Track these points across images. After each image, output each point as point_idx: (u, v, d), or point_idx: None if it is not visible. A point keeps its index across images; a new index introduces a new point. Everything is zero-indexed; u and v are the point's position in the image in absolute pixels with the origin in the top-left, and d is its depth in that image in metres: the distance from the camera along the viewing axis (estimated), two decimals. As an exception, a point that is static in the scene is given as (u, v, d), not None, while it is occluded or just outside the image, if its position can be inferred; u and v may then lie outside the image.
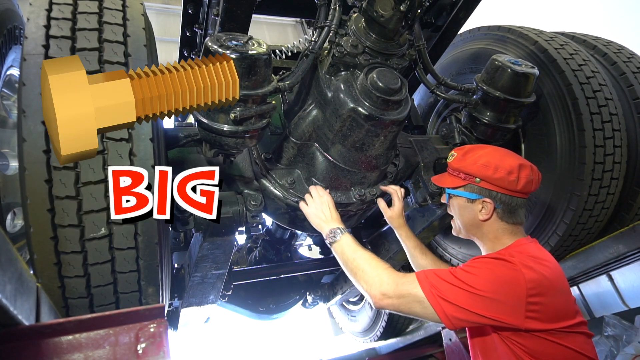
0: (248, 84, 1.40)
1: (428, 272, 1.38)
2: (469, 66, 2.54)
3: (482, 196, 1.51)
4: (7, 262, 0.76)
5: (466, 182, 1.54)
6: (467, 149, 1.59)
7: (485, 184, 1.49)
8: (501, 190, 1.48)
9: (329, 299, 3.32)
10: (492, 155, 1.51)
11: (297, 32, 8.49)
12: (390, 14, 1.61)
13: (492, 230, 1.52)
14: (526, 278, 1.28)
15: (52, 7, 1.31)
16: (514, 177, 1.46)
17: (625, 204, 2.35)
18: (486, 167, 1.48)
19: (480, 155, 1.53)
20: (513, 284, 1.28)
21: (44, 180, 1.17)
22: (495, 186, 1.48)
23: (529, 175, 1.47)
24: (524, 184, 1.46)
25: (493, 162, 1.48)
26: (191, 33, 2.33)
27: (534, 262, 1.35)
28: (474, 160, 1.52)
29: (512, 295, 1.27)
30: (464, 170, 1.54)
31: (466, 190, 1.54)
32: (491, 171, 1.47)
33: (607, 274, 2.20)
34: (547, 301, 1.30)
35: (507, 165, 1.47)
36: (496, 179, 1.47)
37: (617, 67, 2.42)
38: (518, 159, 1.50)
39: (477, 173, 1.51)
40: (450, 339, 2.96)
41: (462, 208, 1.57)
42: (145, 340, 0.94)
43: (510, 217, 1.50)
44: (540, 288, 1.29)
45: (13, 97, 2.27)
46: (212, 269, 1.91)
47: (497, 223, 1.51)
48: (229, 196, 1.74)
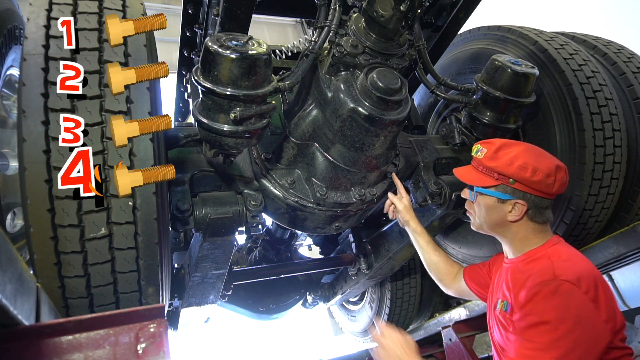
0: (248, 84, 1.40)
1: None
2: (469, 66, 2.54)
3: (515, 197, 1.43)
4: (7, 262, 0.76)
5: (499, 182, 1.45)
6: (498, 145, 1.49)
7: (521, 186, 1.42)
8: (536, 193, 1.42)
9: (329, 299, 3.33)
10: (528, 155, 1.44)
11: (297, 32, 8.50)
12: (390, 14, 1.61)
13: (520, 231, 1.47)
14: (587, 295, 1.25)
15: (52, 7, 1.31)
16: (552, 179, 1.40)
17: (625, 204, 2.35)
18: (524, 169, 1.40)
19: (516, 155, 1.44)
20: (584, 313, 1.24)
21: (44, 180, 1.17)
22: (531, 189, 1.41)
23: (563, 177, 1.43)
24: (559, 186, 1.42)
25: (531, 163, 1.41)
26: (191, 33, 2.33)
27: (574, 265, 1.33)
28: (509, 160, 1.44)
29: (588, 323, 1.24)
30: (498, 170, 1.45)
31: (498, 190, 1.46)
32: (529, 174, 1.40)
33: (607, 274, 2.19)
34: (602, 293, 1.28)
35: (546, 168, 1.40)
36: (534, 182, 1.40)
37: (617, 67, 2.42)
38: (553, 160, 1.44)
39: (513, 175, 1.42)
40: (450, 339, 2.96)
41: (491, 208, 1.49)
42: (145, 340, 0.94)
43: (540, 216, 1.45)
44: (593, 286, 1.27)
45: (13, 97, 2.27)
46: (212, 269, 1.92)
47: (527, 224, 1.46)
48: (229, 196, 1.74)
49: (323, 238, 3.36)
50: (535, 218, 1.45)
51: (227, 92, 1.38)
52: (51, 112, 1.20)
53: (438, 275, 1.90)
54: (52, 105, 1.20)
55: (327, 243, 3.34)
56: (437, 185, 2.07)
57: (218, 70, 1.37)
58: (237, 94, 1.39)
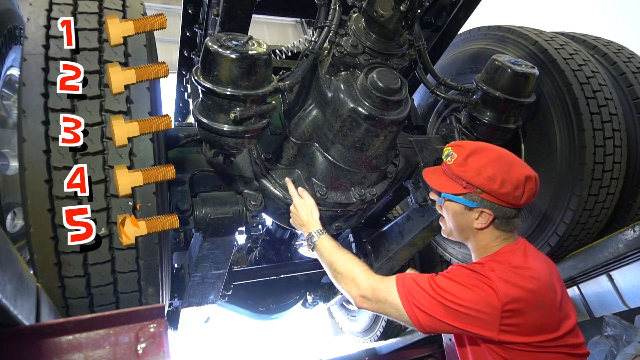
0: (248, 84, 1.40)
1: (407, 277, 1.39)
2: (469, 66, 2.55)
3: (482, 206, 1.43)
4: (7, 262, 0.76)
5: (467, 190, 1.44)
6: (469, 151, 1.46)
7: (488, 196, 1.41)
8: (504, 204, 1.41)
9: (329, 299, 3.33)
10: (498, 165, 1.41)
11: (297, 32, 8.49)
12: (390, 14, 1.61)
13: (485, 238, 1.48)
14: (501, 294, 1.27)
15: (52, 7, 1.30)
16: (520, 192, 1.39)
17: (625, 204, 2.35)
18: (492, 180, 1.39)
19: (485, 164, 1.42)
20: (487, 300, 1.27)
21: (44, 180, 1.17)
22: (498, 200, 1.40)
23: (532, 188, 1.41)
24: (527, 197, 1.41)
25: (500, 174, 1.39)
26: (191, 33, 2.33)
27: (515, 273, 1.33)
28: (478, 170, 1.41)
29: (485, 311, 1.27)
30: (466, 179, 1.44)
31: (466, 198, 1.45)
32: (497, 185, 1.38)
33: (607, 274, 2.20)
34: (524, 316, 1.29)
35: (515, 180, 1.38)
36: (502, 193, 1.39)
37: (617, 67, 2.42)
38: (524, 170, 1.42)
39: (481, 185, 1.41)
40: (450, 339, 2.96)
41: (458, 214, 1.49)
42: (145, 340, 0.94)
43: (507, 225, 1.45)
44: (517, 303, 1.28)
45: (13, 97, 2.27)
46: (212, 269, 1.91)
47: (492, 232, 1.46)
48: (229, 196, 1.74)
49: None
50: (501, 227, 1.46)
51: (227, 92, 1.38)
52: (51, 112, 1.20)
53: None
54: (52, 105, 1.20)
55: (327, 243, 3.33)
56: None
57: (218, 70, 1.37)
58: (237, 94, 1.39)
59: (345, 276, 1.51)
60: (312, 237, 1.68)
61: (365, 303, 1.45)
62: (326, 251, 1.61)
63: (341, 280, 1.53)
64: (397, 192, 2.50)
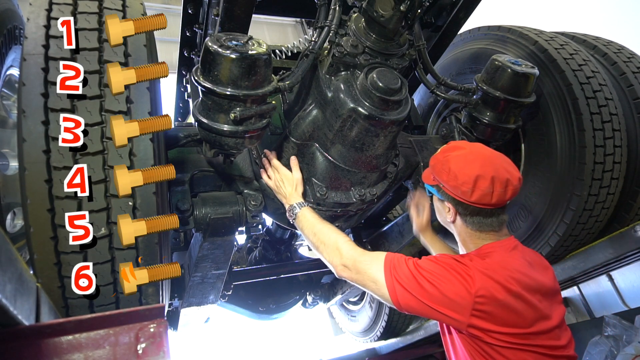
0: (248, 84, 1.40)
1: (398, 256, 1.46)
2: (469, 66, 2.54)
3: (446, 199, 1.52)
4: (7, 262, 0.76)
5: (436, 182, 1.54)
6: (449, 147, 1.57)
7: (447, 190, 1.50)
8: (459, 199, 1.46)
9: (329, 299, 3.33)
10: (458, 161, 1.48)
11: (297, 32, 8.49)
12: (390, 14, 1.61)
13: (459, 233, 1.55)
14: (477, 281, 1.32)
15: (52, 7, 1.31)
16: (467, 188, 1.42)
17: (625, 204, 2.35)
18: (447, 173, 1.47)
19: (451, 158, 1.49)
20: (464, 284, 1.33)
21: (44, 180, 1.17)
22: (452, 194, 1.48)
23: (487, 187, 1.40)
24: (480, 196, 1.41)
25: (454, 169, 1.46)
26: (191, 33, 2.33)
27: (492, 268, 1.38)
28: (443, 163, 1.50)
29: (460, 294, 1.33)
30: (433, 171, 1.55)
31: (437, 190, 1.56)
32: (448, 178, 1.47)
33: (607, 274, 2.20)
34: (496, 307, 1.33)
35: (464, 175, 1.43)
36: (451, 186, 1.46)
37: (617, 67, 2.42)
38: (481, 169, 1.42)
39: (439, 177, 1.51)
40: (450, 339, 2.96)
41: (436, 205, 1.61)
42: (145, 340, 0.94)
43: (474, 225, 1.49)
44: (490, 293, 1.32)
45: (13, 97, 2.27)
46: (212, 269, 1.92)
47: (463, 227, 1.52)
48: (229, 196, 1.74)
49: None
50: (468, 224, 1.50)
51: (227, 92, 1.38)
52: (51, 112, 1.20)
53: None
54: (52, 105, 1.20)
55: (327, 243, 3.33)
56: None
57: (218, 70, 1.37)
58: (237, 94, 1.39)
59: (328, 245, 1.57)
60: (294, 209, 1.73)
61: (346, 272, 1.51)
62: (308, 222, 1.66)
63: (324, 250, 1.59)
64: (397, 192, 2.50)
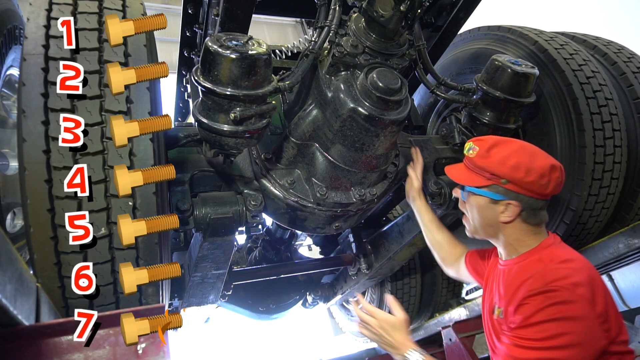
0: (248, 84, 1.40)
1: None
2: (469, 66, 2.54)
3: (507, 198, 1.38)
4: (7, 262, 0.76)
5: (491, 182, 1.40)
6: (490, 143, 1.44)
7: (513, 187, 1.37)
8: (530, 194, 1.36)
9: (329, 299, 3.33)
10: (522, 154, 1.38)
11: (297, 32, 8.50)
12: (390, 14, 1.61)
13: (514, 232, 1.42)
14: (583, 297, 1.21)
15: (52, 7, 1.31)
16: (546, 180, 1.35)
17: (625, 204, 2.35)
18: (517, 169, 1.35)
19: (509, 154, 1.39)
20: (581, 315, 1.21)
21: (44, 180, 1.17)
22: (524, 189, 1.36)
23: (558, 177, 1.37)
24: (554, 187, 1.37)
25: (524, 163, 1.36)
26: (191, 33, 2.33)
27: (568, 268, 1.28)
28: (502, 159, 1.39)
29: (586, 326, 1.21)
30: (489, 169, 1.40)
31: (490, 190, 1.41)
32: (522, 174, 1.35)
33: (607, 274, 2.19)
34: (600, 295, 1.24)
35: (539, 168, 1.35)
36: (527, 182, 1.35)
37: (617, 67, 2.42)
38: (548, 159, 1.38)
39: (505, 175, 1.37)
40: (450, 339, 2.96)
41: (483, 208, 1.44)
42: (145, 340, 0.94)
43: (534, 218, 1.40)
44: (589, 289, 1.23)
45: (13, 97, 2.27)
46: (212, 269, 1.91)
47: (520, 225, 1.40)
48: (229, 196, 1.74)
49: (323, 238, 3.36)
50: (528, 220, 1.40)
51: (227, 92, 1.38)
52: (51, 112, 1.20)
53: (440, 254, 1.92)
54: (52, 105, 1.20)
55: (327, 243, 3.33)
56: (437, 186, 2.07)
57: (218, 70, 1.37)
58: (237, 94, 1.39)
59: None
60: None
61: None
62: None
63: None
64: (397, 192, 2.50)
